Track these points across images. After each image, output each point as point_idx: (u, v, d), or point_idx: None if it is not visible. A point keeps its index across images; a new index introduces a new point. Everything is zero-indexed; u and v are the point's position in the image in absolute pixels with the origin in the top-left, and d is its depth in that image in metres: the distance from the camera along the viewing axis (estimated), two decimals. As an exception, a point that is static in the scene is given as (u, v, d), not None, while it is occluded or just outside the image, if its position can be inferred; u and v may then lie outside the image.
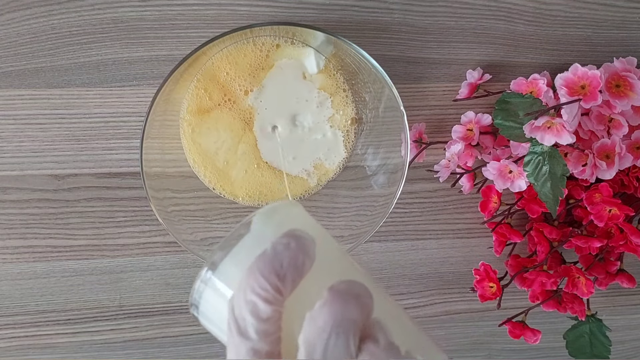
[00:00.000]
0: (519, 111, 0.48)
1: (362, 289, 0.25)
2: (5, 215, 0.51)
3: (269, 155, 0.51)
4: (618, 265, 0.54)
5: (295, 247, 0.25)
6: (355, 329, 0.24)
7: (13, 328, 0.54)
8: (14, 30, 0.48)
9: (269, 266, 0.25)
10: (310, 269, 0.26)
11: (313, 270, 0.26)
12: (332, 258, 0.30)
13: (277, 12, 0.50)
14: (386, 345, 0.24)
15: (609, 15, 0.54)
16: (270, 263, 0.25)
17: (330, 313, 0.24)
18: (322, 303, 0.24)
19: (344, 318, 0.24)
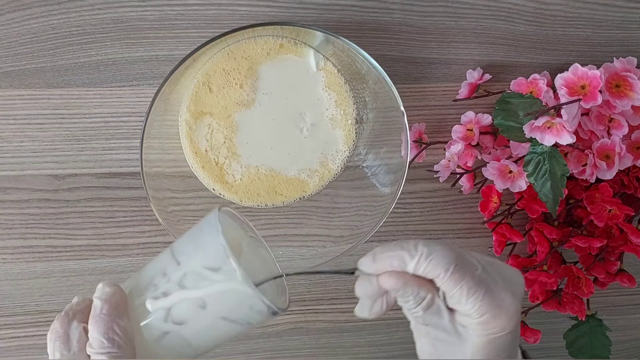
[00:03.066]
0: (519, 111, 0.48)
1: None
2: (5, 215, 0.51)
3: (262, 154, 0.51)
4: (618, 265, 0.54)
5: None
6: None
7: (13, 328, 0.54)
8: (14, 30, 0.48)
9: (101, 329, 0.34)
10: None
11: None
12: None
13: (277, 12, 0.50)
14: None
15: (609, 15, 0.54)
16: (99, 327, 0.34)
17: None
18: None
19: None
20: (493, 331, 0.33)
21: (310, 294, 0.58)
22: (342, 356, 0.61)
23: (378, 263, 0.33)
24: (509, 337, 0.33)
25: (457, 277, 0.32)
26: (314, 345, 0.60)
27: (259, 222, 0.52)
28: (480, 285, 0.32)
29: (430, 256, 0.32)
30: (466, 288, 0.32)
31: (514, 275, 0.34)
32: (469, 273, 0.32)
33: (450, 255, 0.32)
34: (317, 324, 0.59)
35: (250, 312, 0.34)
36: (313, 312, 0.59)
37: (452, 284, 0.32)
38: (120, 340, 0.33)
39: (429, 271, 0.32)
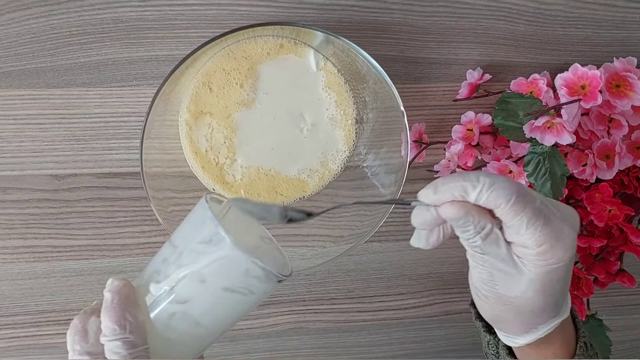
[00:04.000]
0: (519, 111, 0.48)
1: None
2: (5, 215, 0.51)
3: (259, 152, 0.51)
4: (618, 265, 0.54)
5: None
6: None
7: (13, 328, 0.54)
8: (14, 30, 0.48)
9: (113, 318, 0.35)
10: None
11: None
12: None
13: (277, 12, 0.50)
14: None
15: (609, 15, 0.54)
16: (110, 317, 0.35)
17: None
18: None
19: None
20: (549, 262, 0.33)
21: (310, 294, 0.58)
22: (342, 356, 0.61)
23: (440, 194, 0.34)
24: (563, 270, 0.34)
25: (517, 207, 0.32)
26: (314, 345, 0.60)
27: (259, 222, 0.52)
28: (540, 215, 0.33)
29: (493, 186, 0.32)
30: (526, 218, 0.32)
31: (570, 211, 0.35)
32: (529, 204, 0.32)
33: (511, 186, 0.33)
34: (317, 324, 0.59)
35: (248, 277, 0.34)
36: (313, 312, 0.59)
37: (512, 214, 0.32)
38: (132, 327, 0.34)
39: (491, 201, 0.33)
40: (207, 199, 0.36)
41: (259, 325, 0.58)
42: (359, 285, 0.59)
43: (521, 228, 0.33)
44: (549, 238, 0.33)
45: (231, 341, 0.58)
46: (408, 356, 0.62)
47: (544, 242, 0.33)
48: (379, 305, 0.59)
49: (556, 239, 0.33)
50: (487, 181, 0.33)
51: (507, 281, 0.35)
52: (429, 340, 0.61)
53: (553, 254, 0.33)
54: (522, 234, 0.33)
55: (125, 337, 0.34)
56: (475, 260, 0.36)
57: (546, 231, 0.33)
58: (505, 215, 0.33)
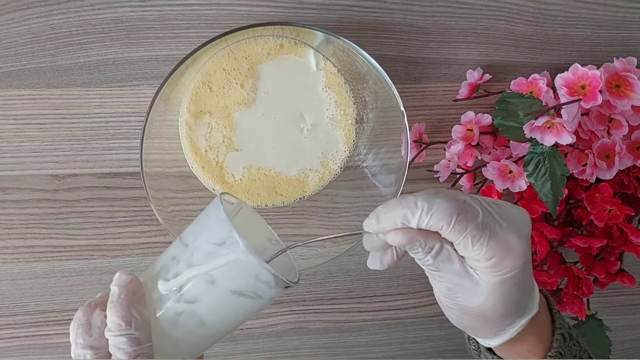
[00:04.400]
0: (519, 111, 0.48)
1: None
2: (5, 215, 0.51)
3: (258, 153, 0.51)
4: (618, 265, 0.54)
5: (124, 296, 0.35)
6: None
7: (13, 328, 0.54)
8: (14, 30, 0.48)
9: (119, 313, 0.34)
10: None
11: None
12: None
13: (277, 12, 0.50)
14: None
15: (609, 15, 0.54)
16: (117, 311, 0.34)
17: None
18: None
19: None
20: (502, 272, 0.34)
21: (310, 294, 0.58)
22: (342, 356, 0.61)
23: (383, 223, 0.34)
24: (519, 276, 0.34)
25: (460, 227, 0.33)
26: (314, 345, 0.60)
27: (259, 222, 0.52)
28: (484, 231, 0.33)
29: (431, 210, 0.33)
30: (470, 236, 0.33)
31: (518, 215, 0.35)
32: (471, 221, 0.33)
33: (450, 206, 0.33)
34: (317, 324, 0.59)
35: (258, 282, 0.34)
36: (313, 312, 0.59)
37: (456, 234, 0.33)
38: (138, 324, 0.34)
39: (433, 224, 0.33)
40: (221, 200, 0.36)
41: (259, 325, 0.58)
42: (359, 285, 0.59)
43: (467, 246, 0.33)
44: (497, 251, 0.33)
45: (231, 341, 0.58)
46: (408, 356, 0.62)
47: (493, 255, 0.33)
48: (379, 305, 0.59)
49: (505, 250, 0.33)
50: (424, 206, 0.33)
51: (466, 293, 0.35)
52: (429, 340, 0.61)
53: (504, 265, 0.33)
54: (470, 250, 0.33)
55: (130, 333, 0.34)
56: (432, 277, 0.36)
57: (493, 244, 0.33)
58: (449, 236, 0.33)
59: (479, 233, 0.33)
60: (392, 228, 0.34)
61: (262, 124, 0.50)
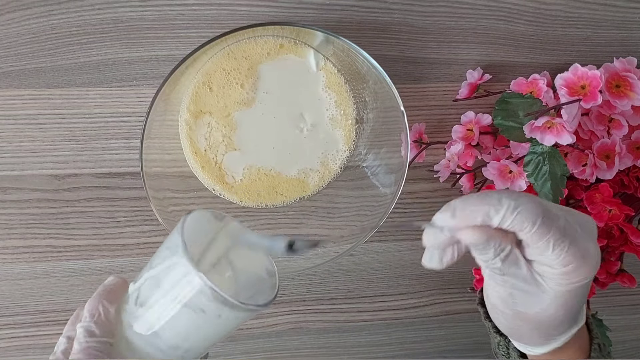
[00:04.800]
0: (519, 111, 0.48)
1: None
2: (5, 215, 0.51)
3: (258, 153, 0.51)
4: (618, 266, 0.54)
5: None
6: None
7: (13, 328, 0.54)
8: (14, 30, 0.48)
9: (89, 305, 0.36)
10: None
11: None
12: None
13: (277, 12, 0.50)
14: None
15: (609, 15, 0.54)
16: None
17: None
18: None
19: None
20: (574, 281, 0.32)
21: (310, 294, 0.58)
22: (342, 356, 0.61)
23: (459, 219, 0.32)
24: (586, 287, 0.33)
25: (543, 230, 0.31)
26: (314, 345, 0.60)
27: (259, 222, 0.52)
28: (566, 236, 0.31)
29: (517, 209, 0.31)
30: (552, 240, 0.31)
31: (589, 222, 0.34)
32: (554, 224, 0.31)
33: (536, 207, 0.31)
34: (317, 324, 0.59)
35: (201, 296, 0.32)
36: (313, 312, 0.59)
37: (537, 237, 0.31)
38: (98, 318, 0.35)
39: (516, 224, 0.31)
40: (197, 211, 0.35)
41: (259, 325, 0.58)
42: (359, 285, 0.59)
43: (547, 250, 0.32)
44: (575, 258, 0.32)
45: (231, 341, 0.58)
46: (408, 356, 0.62)
47: (571, 262, 0.32)
48: (379, 305, 0.59)
49: (582, 259, 0.32)
50: (511, 204, 0.31)
51: (528, 299, 0.34)
52: (429, 340, 0.61)
53: (579, 273, 0.32)
54: (547, 255, 0.32)
55: (88, 325, 0.35)
56: (494, 281, 0.35)
57: (572, 251, 0.31)
58: (530, 238, 0.32)
59: (560, 237, 0.31)
60: (469, 225, 0.32)
61: (262, 123, 0.50)
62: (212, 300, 0.32)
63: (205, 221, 0.37)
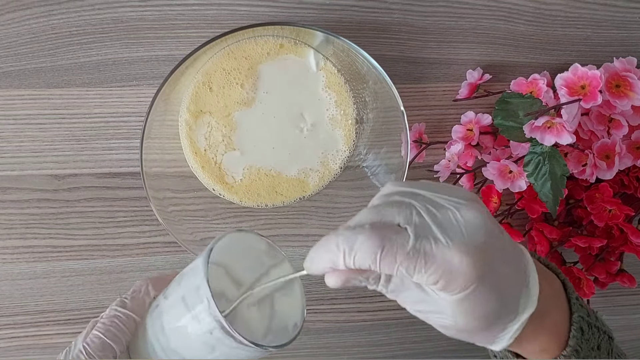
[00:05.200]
0: (519, 111, 0.48)
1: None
2: (5, 215, 0.51)
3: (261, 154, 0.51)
4: (618, 266, 0.54)
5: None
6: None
7: (13, 328, 0.54)
8: (14, 30, 0.48)
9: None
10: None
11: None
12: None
13: (277, 12, 0.50)
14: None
15: (609, 15, 0.54)
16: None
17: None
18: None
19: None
20: (456, 291, 0.30)
21: (310, 294, 0.58)
22: (342, 356, 0.61)
23: (315, 265, 0.32)
24: (482, 288, 0.30)
25: (388, 261, 0.30)
26: (314, 345, 0.60)
27: (258, 222, 0.52)
28: (418, 257, 0.29)
29: (353, 251, 0.30)
30: (403, 268, 0.30)
31: (470, 217, 0.31)
32: (399, 252, 0.29)
33: (372, 243, 0.30)
34: (317, 324, 0.59)
35: (200, 299, 0.33)
36: (313, 312, 0.59)
37: (387, 269, 0.30)
38: (137, 295, 0.39)
39: (360, 265, 0.30)
40: (229, 234, 0.36)
41: (259, 325, 0.58)
42: (359, 285, 0.58)
43: (406, 277, 0.30)
44: (440, 275, 0.30)
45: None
46: (408, 356, 0.62)
47: (437, 279, 0.30)
48: (379, 305, 0.59)
49: (449, 273, 0.30)
50: (345, 249, 0.30)
51: (435, 314, 0.33)
52: (429, 340, 0.61)
53: (455, 285, 0.30)
54: (412, 279, 0.30)
55: (125, 297, 0.38)
56: (400, 301, 0.34)
57: (432, 269, 0.30)
58: (382, 271, 0.30)
59: (412, 262, 0.29)
60: (327, 270, 0.32)
61: (262, 123, 0.50)
62: (206, 316, 0.33)
63: (254, 244, 0.38)
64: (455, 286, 0.30)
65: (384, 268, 0.30)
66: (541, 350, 0.35)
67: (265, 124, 0.50)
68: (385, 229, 0.30)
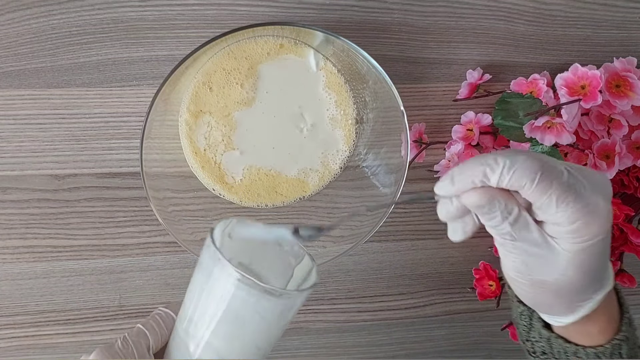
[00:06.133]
0: (519, 111, 0.48)
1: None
2: (5, 215, 0.51)
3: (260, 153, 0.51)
4: (618, 266, 0.54)
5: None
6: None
7: (13, 328, 0.54)
8: (14, 30, 0.48)
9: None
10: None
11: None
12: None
13: (277, 12, 0.50)
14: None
15: (608, 15, 0.54)
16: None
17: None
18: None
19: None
20: (586, 238, 0.31)
21: (311, 294, 0.58)
22: (342, 356, 0.61)
23: (458, 184, 0.32)
24: (601, 244, 0.32)
25: (544, 185, 0.30)
26: (314, 345, 0.60)
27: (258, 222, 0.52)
28: (570, 191, 0.30)
29: (514, 167, 0.30)
30: (555, 196, 0.30)
31: (602, 179, 0.33)
32: (556, 180, 0.30)
33: (534, 163, 0.30)
34: (317, 324, 0.59)
35: (211, 261, 0.34)
36: (313, 312, 0.59)
37: (539, 193, 0.30)
38: (171, 304, 0.41)
39: (515, 182, 0.30)
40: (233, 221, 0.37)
41: (259, 325, 0.58)
42: (359, 285, 0.59)
43: (550, 207, 0.31)
44: (582, 214, 0.30)
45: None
46: (408, 356, 0.62)
47: (578, 218, 0.30)
48: (379, 305, 0.59)
49: (590, 214, 0.31)
50: (506, 162, 0.30)
51: (544, 265, 0.33)
52: (429, 340, 0.61)
53: (588, 230, 0.31)
54: (552, 212, 0.31)
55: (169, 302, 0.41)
56: (506, 249, 0.34)
57: (578, 207, 0.30)
58: (531, 195, 0.31)
59: (564, 192, 0.30)
60: (469, 188, 0.31)
61: (262, 123, 0.50)
62: (265, 295, 0.34)
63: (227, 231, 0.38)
64: (588, 231, 0.31)
65: (536, 191, 0.30)
66: (598, 332, 0.36)
67: (265, 124, 0.50)
68: (542, 159, 0.31)
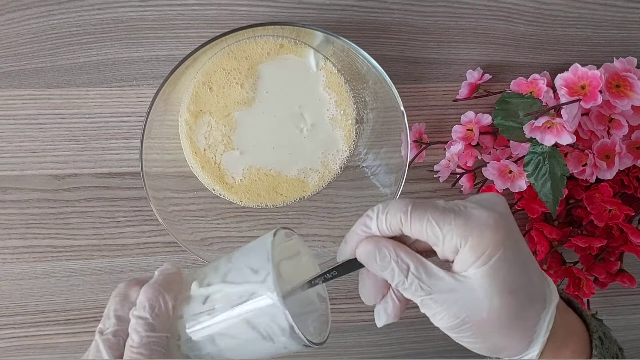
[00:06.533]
0: (519, 111, 0.48)
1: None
2: (5, 215, 0.51)
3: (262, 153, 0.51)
4: (618, 266, 0.54)
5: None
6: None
7: (13, 328, 0.54)
8: (14, 30, 0.48)
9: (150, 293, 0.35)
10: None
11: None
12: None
13: (277, 12, 0.50)
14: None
15: (608, 15, 0.54)
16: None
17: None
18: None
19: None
20: (486, 253, 0.30)
21: (310, 294, 0.58)
22: (342, 356, 0.61)
23: (350, 242, 0.34)
24: (511, 254, 0.31)
25: (418, 213, 0.31)
26: (314, 345, 0.60)
27: (258, 222, 0.52)
28: (447, 212, 0.31)
29: (387, 208, 0.32)
30: (433, 219, 0.31)
31: (487, 195, 0.33)
32: (430, 208, 0.31)
33: (405, 200, 0.32)
34: (317, 324, 0.59)
35: (273, 324, 0.33)
36: (313, 312, 0.59)
37: (417, 222, 0.31)
38: (159, 311, 0.34)
39: (391, 219, 0.32)
40: (276, 232, 0.35)
41: (259, 325, 0.58)
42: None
43: (437, 234, 0.31)
44: (469, 228, 0.30)
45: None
46: (408, 356, 0.62)
47: (468, 234, 0.30)
48: (379, 305, 0.59)
49: (478, 227, 0.30)
50: (379, 207, 0.33)
51: (470, 307, 0.32)
52: (429, 340, 0.61)
53: (483, 243, 0.30)
54: (441, 239, 0.31)
55: (148, 317, 0.34)
56: (430, 309, 0.33)
57: (460, 222, 0.31)
58: (412, 227, 0.31)
59: (441, 215, 0.31)
60: (357, 242, 0.33)
61: (262, 123, 0.50)
62: (287, 336, 0.33)
63: (285, 246, 0.38)
64: (483, 244, 0.30)
65: (414, 221, 0.31)
66: (572, 352, 0.36)
67: (265, 124, 0.50)
68: (417, 200, 0.33)
